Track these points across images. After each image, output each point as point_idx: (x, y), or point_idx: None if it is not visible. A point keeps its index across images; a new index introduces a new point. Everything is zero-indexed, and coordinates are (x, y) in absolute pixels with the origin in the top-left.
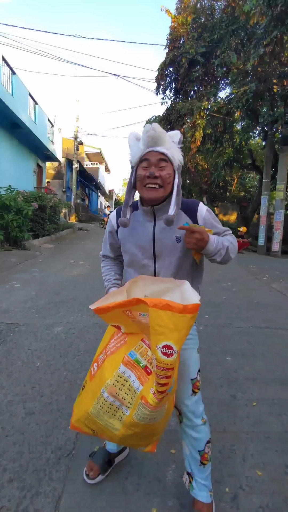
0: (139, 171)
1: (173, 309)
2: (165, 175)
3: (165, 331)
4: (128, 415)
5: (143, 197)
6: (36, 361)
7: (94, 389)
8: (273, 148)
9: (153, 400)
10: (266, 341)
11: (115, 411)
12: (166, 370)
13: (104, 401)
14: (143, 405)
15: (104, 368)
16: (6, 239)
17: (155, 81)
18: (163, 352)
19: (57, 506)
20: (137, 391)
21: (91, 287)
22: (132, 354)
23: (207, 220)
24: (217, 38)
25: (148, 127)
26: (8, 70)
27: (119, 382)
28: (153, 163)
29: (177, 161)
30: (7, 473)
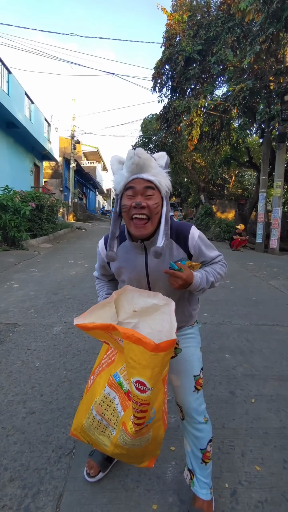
0: (124, 200)
1: (145, 345)
2: (152, 205)
3: (137, 366)
4: (114, 436)
5: (132, 234)
6: (35, 361)
7: (88, 403)
8: (270, 145)
9: (131, 429)
10: (264, 338)
11: (104, 428)
12: (140, 405)
13: (93, 418)
14: (123, 432)
15: (95, 384)
16: (4, 239)
17: (152, 79)
18: (137, 387)
19: (58, 504)
20: (119, 415)
21: (90, 286)
22: (116, 376)
23: (197, 248)
24: (213, 35)
25: (131, 153)
26: (3, 69)
27: (105, 402)
28: (139, 192)
29: (165, 188)
30: (8, 472)
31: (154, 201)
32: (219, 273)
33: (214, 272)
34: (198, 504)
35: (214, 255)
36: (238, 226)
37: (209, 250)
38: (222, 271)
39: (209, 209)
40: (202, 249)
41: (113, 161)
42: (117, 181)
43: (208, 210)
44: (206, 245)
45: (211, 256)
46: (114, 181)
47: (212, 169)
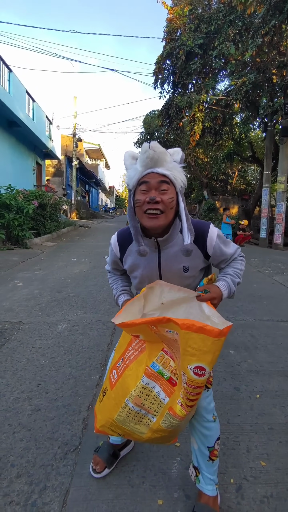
0: (138, 195)
1: (209, 333)
2: (167, 200)
3: (197, 353)
4: (155, 422)
5: (144, 225)
6: (40, 359)
7: (117, 398)
8: (273, 139)
9: (182, 412)
10: (269, 333)
11: (141, 418)
12: (197, 388)
13: (130, 410)
14: (171, 416)
15: (125, 377)
16: (8, 238)
17: (153, 74)
18: (195, 372)
19: (65, 500)
20: (164, 402)
21: (94, 284)
22: (155, 366)
23: (216, 249)
24: (214, 29)
25: (146, 147)
26: (4, 67)
27: (143, 393)
28: (153, 186)
29: (180, 183)
30: (15, 469)
31: (169, 196)
32: (241, 269)
33: (237, 271)
34: (203, 500)
35: (233, 251)
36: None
37: (227, 247)
38: (243, 265)
39: (212, 205)
40: (222, 249)
41: (127, 156)
42: (131, 176)
43: (211, 206)
44: (224, 243)
45: (230, 253)
46: (128, 176)
47: (215, 164)
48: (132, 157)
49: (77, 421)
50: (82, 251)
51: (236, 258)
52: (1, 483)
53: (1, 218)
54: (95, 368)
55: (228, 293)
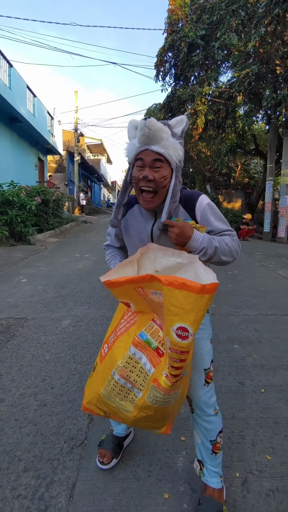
0: (134, 171)
1: (190, 288)
2: (159, 179)
3: (180, 312)
4: (141, 398)
5: (140, 205)
6: (45, 354)
7: (105, 371)
8: (277, 132)
9: (166, 383)
10: (273, 328)
11: (127, 393)
12: (180, 353)
13: (116, 383)
14: (155, 388)
15: (114, 349)
16: (11, 235)
17: (155, 67)
18: (178, 334)
19: (71, 494)
20: (149, 373)
21: (97, 279)
22: (143, 335)
23: (203, 215)
24: (216, 19)
25: (142, 124)
26: (5, 62)
27: (130, 364)
28: (147, 163)
29: (175, 161)
30: (22, 463)
31: (162, 174)
32: (227, 244)
33: (221, 241)
34: (209, 492)
35: (223, 228)
36: (245, 216)
37: (217, 220)
38: (232, 245)
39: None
40: (209, 217)
41: (130, 126)
42: (129, 150)
43: (214, 200)
44: (214, 214)
45: (219, 228)
46: (127, 149)
47: (218, 158)
48: (135, 127)
49: (83, 416)
50: (85, 246)
51: (226, 234)
52: (8, 477)
53: (4, 215)
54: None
55: (198, 243)
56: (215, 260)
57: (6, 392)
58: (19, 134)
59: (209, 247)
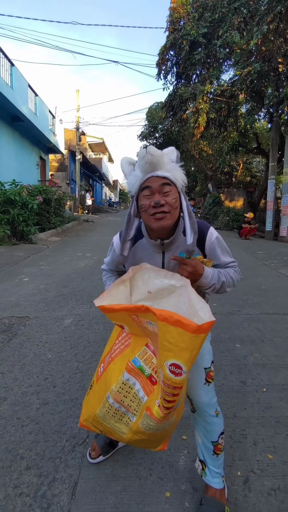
0: (142, 200)
1: (186, 327)
2: (171, 201)
3: (174, 349)
4: (135, 422)
5: (152, 227)
6: (47, 353)
7: (100, 392)
8: (279, 130)
9: (159, 414)
10: (275, 327)
11: (121, 416)
12: (173, 389)
13: (110, 406)
14: (148, 417)
15: (109, 371)
16: (13, 234)
17: (156, 66)
18: (171, 370)
19: (73, 492)
20: (142, 401)
21: (99, 278)
22: (136, 361)
23: (212, 249)
24: (218, 17)
25: (143, 152)
26: (6, 61)
27: (123, 389)
28: (156, 190)
29: (181, 182)
30: (25, 461)
31: (172, 197)
32: (232, 277)
33: (227, 275)
34: (210, 493)
35: (228, 261)
36: (247, 215)
37: (224, 254)
38: (235, 276)
39: (217, 198)
40: (217, 251)
41: (123, 163)
42: (132, 183)
43: (216, 199)
44: (222, 248)
45: (225, 261)
46: (128, 183)
47: (220, 157)
48: (129, 163)
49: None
50: (87, 245)
51: (230, 266)
52: (11, 475)
53: (6, 214)
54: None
55: (209, 279)
56: (220, 292)
57: (8, 390)
58: (21, 133)
59: (217, 283)
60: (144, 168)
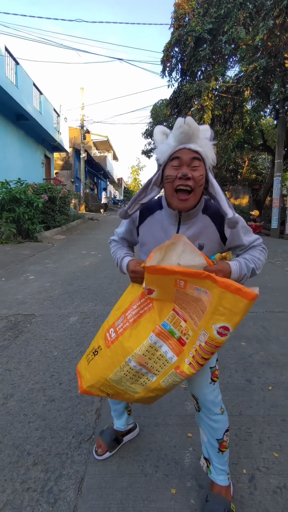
0: (169, 171)
1: (245, 295)
2: (197, 177)
3: (227, 313)
4: (155, 381)
5: (174, 206)
6: (53, 351)
7: (115, 357)
8: (285, 126)
9: (190, 371)
10: (281, 325)
11: (139, 377)
12: (215, 347)
13: (130, 369)
14: (176, 374)
15: (126, 336)
16: (19, 232)
17: (161, 63)
18: (219, 332)
19: (80, 487)
20: (171, 361)
21: (104, 276)
22: (166, 325)
23: (234, 231)
24: (224, 12)
25: (181, 121)
26: (11, 60)
27: (149, 352)
28: (185, 162)
29: (210, 160)
30: (32, 457)
31: (200, 173)
32: (259, 258)
33: (254, 259)
34: (216, 490)
35: (252, 239)
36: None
37: (246, 234)
38: (262, 256)
39: None
40: (240, 234)
41: (157, 131)
42: (162, 151)
43: None
44: (243, 228)
45: (249, 241)
46: (159, 151)
47: (225, 154)
48: (163, 133)
49: (90, 411)
50: (92, 244)
51: (256, 246)
52: (18, 471)
53: (12, 212)
54: None
55: (238, 273)
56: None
57: (15, 387)
58: (26, 131)
59: (248, 272)
60: (179, 138)
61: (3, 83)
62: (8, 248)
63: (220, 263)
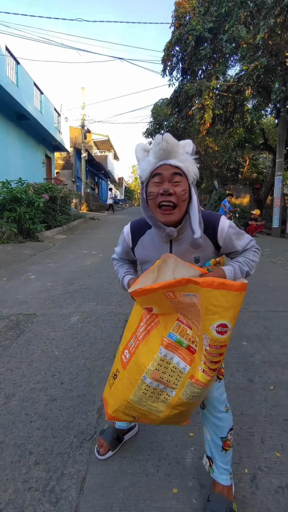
0: (151, 187)
1: (230, 287)
2: (180, 192)
3: (219, 311)
4: (175, 396)
5: (158, 219)
6: (54, 350)
7: (132, 376)
8: (286, 125)
9: (205, 378)
10: (282, 324)
11: (159, 394)
12: (219, 348)
13: (147, 387)
14: (192, 384)
15: (138, 354)
16: (20, 232)
17: (162, 62)
18: (218, 331)
19: (81, 487)
20: (184, 371)
21: (105, 276)
22: (172, 336)
23: (227, 240)
24: (225, 11)
25: (159, 138)
26: (12, 60)
27: (162, 366)
28: (166, 178)
29: (192, 175)
30: (33, 456)
31: (182, 188)
32: (253, 260)
33: (248, 261)
34: (218, 489)
35: (245, 243)
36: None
37: (239, 239)
38: (256, 257)
39: (223, 195)
40: (233, 240)
41: (138, 149)
42: (143, 168)
43: (222, 195)
44: (236, 234)
45: (242, 245)
46: (140, 168)
47: (226, 153)
48: (144, 150)
49: (92, 411)
50: (93, 243)
51: (249, 249)
52: (20, 470)
53: (13, 212)
54: (108, 359)
55: (233, 278)
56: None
57: (17, 387)
58: (27, 131)
59: (242, 275)
60: (158, 155)
61: (4, 82)
62: (9, 247)
63: (215, 270)
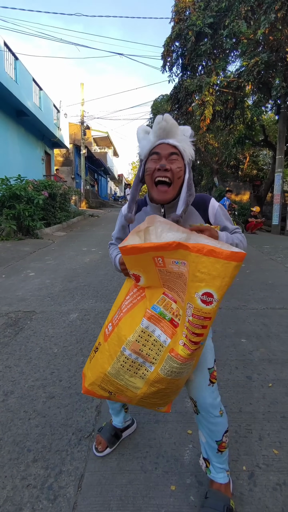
0: (149, 163)
1: (219, 255)
2: (175, 169)
3: (206, 278)
4: (153, 371)
5: (153, 197)
6: (53, 347)
7: (112, 348)
8: (287, 122)
9: (185, 352)
10: (281, 322)
11: (137, 368)
12: (203, 319)
13: (126, 359)
14: (172, 358)
15: (121, 325)
16: (19, 229)
17: (161, 58)
18: (203, 300)
19: (80, 484)
20: (164, 344)
21: (104, 273)
22: (156, 308)
23: (218, 216)
24: (225, 6)
25: (159, 118)
26: (10, 55)
27: (142, 337)
28: (163, 156)
29: (188, 155)
30: (32, 454)
31: (177, 165)
32: (241, 240)
33: (236, 238)
34: (215, 487)
35: (232, 228)
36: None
37: (227, 221)
38: (244, 240)
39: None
40: (222, 218)
41: (139, 130)
42: (143, 146)
43: (222, 192)
44: (225, 215)
45: (230, 227)
46: (140, 146)
47: (226, 150)
48: (145, 131)
49: (90, 408)
50: (92, 240)
51: (237, 232)
52: (18, 467)
53: (12, 209)
54: None
55: (224, 240)
56: None
57: (15, 384)
58: (26, 127)
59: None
60: (158, 134)
61: (3, 78)
62: (8, 245)
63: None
